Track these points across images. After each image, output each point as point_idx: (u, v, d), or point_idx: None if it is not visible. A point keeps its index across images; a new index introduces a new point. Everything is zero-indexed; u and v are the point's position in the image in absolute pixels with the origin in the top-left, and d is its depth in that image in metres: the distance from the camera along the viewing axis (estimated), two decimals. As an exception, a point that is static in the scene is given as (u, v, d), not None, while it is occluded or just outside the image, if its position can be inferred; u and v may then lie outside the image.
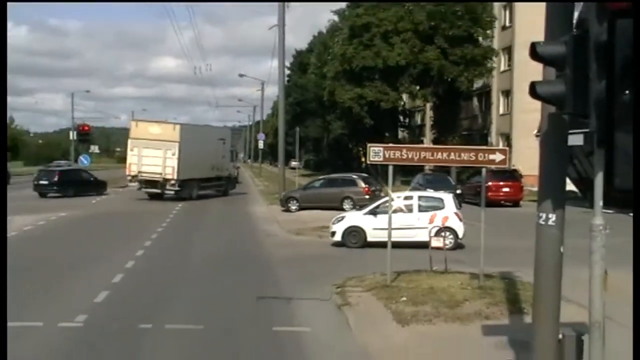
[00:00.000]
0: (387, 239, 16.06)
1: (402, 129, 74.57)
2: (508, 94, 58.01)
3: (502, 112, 60.32)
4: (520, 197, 39.64)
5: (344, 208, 32.20)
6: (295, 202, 36.23)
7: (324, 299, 14.47)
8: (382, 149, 15.74)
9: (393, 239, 16.15)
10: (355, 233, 22.19)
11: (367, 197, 33.78)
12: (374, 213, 21.94)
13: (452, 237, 20.49)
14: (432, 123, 68.92)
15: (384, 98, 57.64)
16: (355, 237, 22.13)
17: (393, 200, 18.55)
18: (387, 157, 15.61)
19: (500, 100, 60.81)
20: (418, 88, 60.30)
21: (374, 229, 21.38)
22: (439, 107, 64.03)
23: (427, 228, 18.63)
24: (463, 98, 62.79)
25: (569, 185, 8.46)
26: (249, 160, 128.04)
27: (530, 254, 8.24)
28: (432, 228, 18.33)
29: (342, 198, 35.20)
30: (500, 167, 16.89)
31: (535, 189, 8.88)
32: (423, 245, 17.49)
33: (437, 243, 17.03)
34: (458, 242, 21.01)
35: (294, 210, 35.28)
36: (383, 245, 16.56)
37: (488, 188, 29.96)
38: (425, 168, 40.72)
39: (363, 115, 59.00)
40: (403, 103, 66.45)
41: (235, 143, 61.46)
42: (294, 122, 72.73)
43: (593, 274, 6.51)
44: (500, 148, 19.01)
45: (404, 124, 74.58)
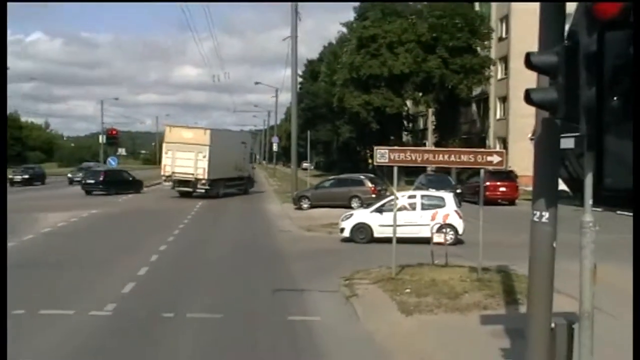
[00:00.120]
0: (392, 235, 16.07)
1: (406, 133, 74.49)
2: (504, 100, 57.82)
3: (499, 117, 60.14)
4: (516, 196, 39.61)
5: (352, 206, 32.17)
6: (307, 200, 36.26)
7: (334, 291, 14.50)
8: (387, 152, 15.75)
9: (398, 235, 16.14)
10: (363, 229, 22.20)
11: (373, 196, 33.77)
12: (380, 211, 21.95)
13: (452, 233, 20.44)
14: (434, 127, 68.90)
15: (389, 104, 57.70)
16: (363, 233, 22.15)
17: (398, 199, 18.57)
18: (392, 159, 15.62)
19: (497, 106, 60.63)
20: (421, 95, 60.34)
21: (380, 226, 21.39)
22: (440, 112, 64.06)
23: (429, 225, 18.59)
24: (463, 104, 62.70)
25: (561, 185, 8.39)
26: (264, 162, 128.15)
27: (525, 249, 8.23)
28: (434, 225, 18.29)
29: (350, 197, 35.21)
30: (497, 168, 16.88)
31: (530, 189, 8.85)
32: (425, 241, 17.46)
33: (438, 239, 17.01)
34: (458, 238, 20.99)
35: (306, 208, 35.29)
36: (388, 241, 16.55)
37: (486, 188, 29.96)
38: (428, 169, 40.56)
39: (370, 120, 59.06)
40: (407, 109, 66.47)
41: (252, 146, 61.93)
42: (306, 126, 72.77)
43: (583, 268, 6.50)
44: (497, 150, 18.94)
45: (408, 128, 74.49)
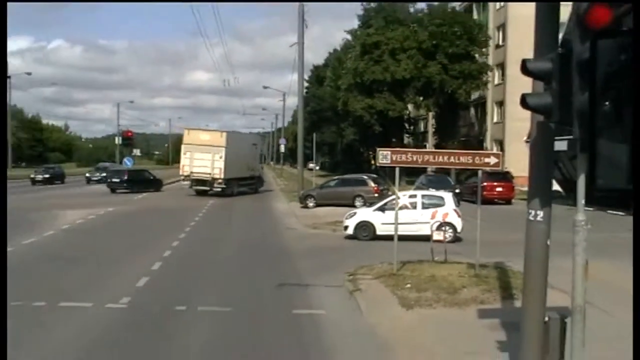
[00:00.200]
0: (394, 233, 16.08)
1: (407, 135, 74.40)
2: (501, 105, 57.73)
3: (496, 120, 60.05)
4: (512, 196, 39.56)
5: (356, 205, 32.15)
6: (313, 199, 36.23)
7: (338, 286, 14.50)
8: (389, 153, 15.75)
9: (399, 233, 16.15)
10: (366, 227, 22.19)
11: (376, 195, 33.73)
12: (383, 209, 21.94)
13: (451, 231, 20.42)
14: (434, 130, 68.78)
15: (392, 108, 57.68)
16: (366, 230, 22.14)
17: (399, 198, 18.57)
18: (394, 160, 15.62)
19: (495, 110, 60.55)
20: (422, 99, 60.29)
21: (382, 224, 21.38)
22: (440, 115, 63.98)
23: (429, 223, 18.57)
24: (461, 108, 62.63)
25: (555, 186, 8.41)
26: (272, 162, 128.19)
27: (521, 246, 8.23)
28: (433, 223, 18.28)
29: (354, 196, 35.20)
30: (494, 169, 16.85)
31: (525, 189, 8.86)
32: (426, 238, 17.46)
33: (438, 236, 17.00)
34: (457, 235, 20.95)
35: (311, 207, 35.24)
36: (390, 238, 16.55)
37: (483, 188, 29.94)
38: (428, 170, 40.52)
39: (373, 123, 59.03)
40: (408, 112, 66.38)
41: (261, 147, 62.39)
42: (312, 128, 72.74)
43: (575, 264, 6.50)
44: (494, 152, 18.94)
45: (409, 131, 74.37)
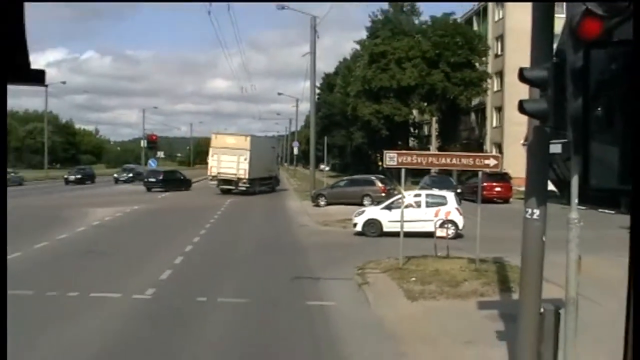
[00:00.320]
0: (400, 230, 16.07)
1: (412, 139, 74.15)
2: (500, 110, 57.52)
3: (495, 125, 59.85)
4: (510, 195, 39.41)
5: (364, 204, 32.05)
6: (324, 198, 36.19)
7: (347, 279, 14.51)
8: (396, 155, 15.76)
9: (405, 230, 16.14)
10: (373, 224, 22.18)
11: (383, 194, 33.69)
12: (389, 208, 21.91)
13: (453, 228, 20.37)
14: (437, 133, 68.55)
15: (398, 113, 57.63)
16: (373, 227, 22.12)
17: (405, 198, 18.57)
18: (400, 161, 15.63)
19: (494, 115, 60.33)
20: (426, 104, 60.21)
21: (389, 221, 21.34)
22: (443, 120, 63.77)
23: (432, 221, 18.56)
24: (463, 113, 62.43)
25: (550, 186, 8.41)
26: (286, 164, 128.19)
27: (518, 242, 8.22)
28: (437, 221, 18.27)
29: (362, 195, 35.14)
30: (494, 170, 16.82)
31: (522, 189, 8.85)
32: (429, 235, 17.45)
33: (441, 233, 17.01)
34: (458, 232, 20.91)
35: (323, 206, 35.21)
36: (396, 235, 16.55)
37: (483, 188, 29.81)
38: (432, 171, 40.46)
39: (380, 127, 58.96)
40: (413, 117, 66.20)
41: (277, 150, 63.04)
42: (323, 132, 72.72)
43: (569, 259, 6.50)
44: (494, 155, 18.93)
45: (414, 134, 74.19)
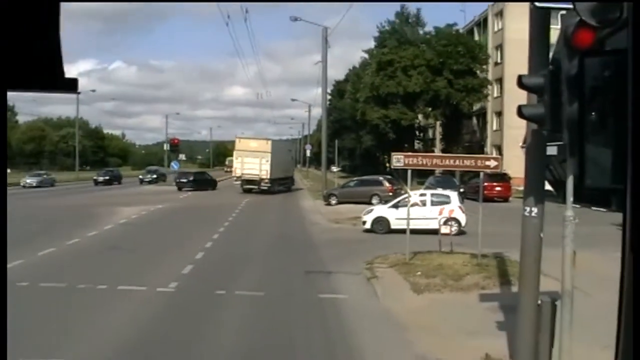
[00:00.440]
0: (406, 227, 16.07)
1: (417, 142, 73.87)
2: (500, 115, 57.24)
3: (495, 128, 59.59)
4: (509, 194, 39.19)
5: (373, 203, 31.99)
6: (335, 197, 36.14)
7: (357, 273, 14.52)
8: (403, 157, 15.76)
9: (411, 227, 16.13)
10: (382, 222, 22.15)
11: (390, 194, 33.56)
12: (396, 206, 21.89)
13: (456, 225, 20.32)
14: (441, 137, 68.42)
15: (404, 117, 57.55)
16: (382, 225, 22.09)
17: (411, 197, 18.55)
18: (406, 163, 15.63)
19: (494, 120, 60.08)
20: (430, 109, 60.05)
21: (396, 219, 21.30)
22: (446, 124, 63.62)
23: (437, 218, 18.52)
24: (465, 118, 62.28)
25: (546, 186, 8.40)
26: (299, 165, 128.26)
27: (517, 238, 8.21)
28: (441, 218, 18.23)
29: (371, 195, 35.05)
30: (494, 171, 16.79)
31: (521, 188, 8.84)
32: (434, 232, 17.41)
33: (445, 230, 16.96)
34: (461, 229, 20.84)
35: (334, 204, 35.12)
36: (403, 232, 16.54)
37: (484, 187, 29.69)
38: (436, 172, 40.33)
39: (387, 131, 58.86)
40: (418, 121, 66.02)
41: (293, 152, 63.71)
42: (334, 136, 72.75)
43: (565, 254, 6.48)
44: (494, 156, 18.88)
45: (419, 138, 73.91)
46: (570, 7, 5.22)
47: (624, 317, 2.51)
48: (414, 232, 16.75)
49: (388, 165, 52.90)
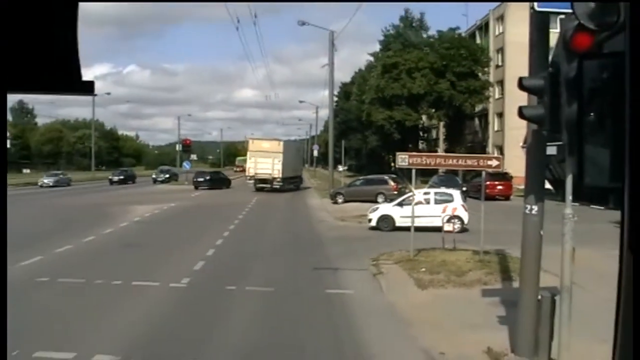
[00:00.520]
0: (410, 224, 16.05)
1: (421, 142, 73.79)
2: (501, 116, 57.06)
3: (496, 129, 59.41)
4: (510, 193, 39.01)
5: (378, 201, 31.98)
6: (341, 196, 36.10)
7: (363, 269, 14.51)
8: (407, 157, 15.75)
9: (415, 224, 16.12)
10: (387, 220, 22.11)
11: (395, 192, 33.49)
12: (401, 205, 21.85)
13: (459, 223, 20.22)
14: (444, 137, 68.21)
15: (408, 118, 57.48)
16: (387, 223, 22.04)
17: (415, 195, 18.52)
18: (411, 162, 15.61)
19: (495, 120, 59.90)
20: (433, 111, 59.92)
21: (401, 217, 21.27)
22: (449, 125, 63.45)
23: (440, 216, 18.48)
24: (467, 118, 62.14)
25: (546, 185, 8.40)
26: (307, 165, 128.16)
27: (518, 236, 8.19)
28: (444, 216, 18.18)
29: (376, 193, 35.00)
30: (496, 170, 16.74)
31: (522, 187, 8.81)
32: (437, 229, 17.38)
33: (448, 227, 16.92)
34: (464, 227, 20.77)
35: (340, 203, 35.09)
36: (407, 229, 16.52)
37: (486, 186, 29.58)
38: (439, 171, 40.24)
39: (392, 131, 58.81)
40: (422, 122, 65.94)
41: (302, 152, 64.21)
42: (340, 136, 72.55)
43: (564, 250, 6.47)
44: (496, 156, 18.85)
45: (423, 138, 73.83)
46: (569, 11, 5.21)
47: (622, 312, 2.50)
48: (418, 229, 16.72)
49: (393, 165, 52.86)
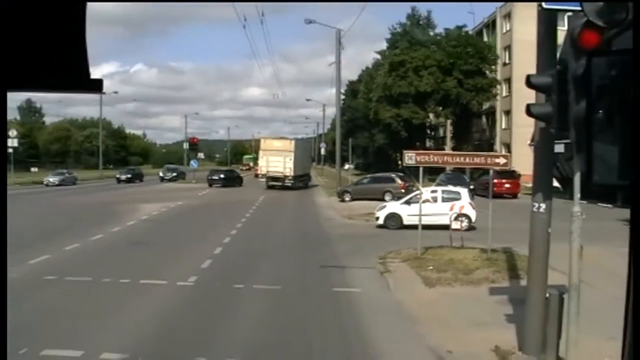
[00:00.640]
0: (418, 223, 16.04)
1: (429, 140, 73.63)
2: (508, 113, 56.89)
3: (504, 127, 59.23)
4: (518, 191, 38.90)
5: (385, 199, 31.95)
6: (349, 194, 36.07)
7: (370, 267, 14.51)
8: (414, 155, 15.72)
9: (422, 223, 16.10)
10: (394, 218, 22.09)
11: (403, 191, 33.44)
12: (408, 203, 21.82)
13: (467, 221, 20.17)
14: (451, 135, 68.07)
15: (416, 116, 57.38)
16: (394, 221, 22.02)
17: (422, 193, 18.50)
18: (418, 160, 15.58)
19: (503, 118, 59.72)
20: (441, 109, 59.79)
21: (408, 215, 21.23)
22: (457, 123, 63.31)
23: (448, 214, 18.46)
24: (475, 116, 61.94)
25: (554, 182, 8.40)
26: (314, 163, 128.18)
27: (525, 234, 8.17)
28: (452, 214, 18.17)
29: (384, 191, 34.95)
30: (503, 168, 16.68)
31: (530, 185, 8.79)
32: (445, 227, 17.36)
33: (455, 226, 16.90)
34: (471, 225, 20.72)
35: (348, 201, 35.06)
36: (415, 227, 16.51)
37: (493, 184, 29.51)
38: (447, 169, 40.17)
39: (399, 129, 58.70)
40: (430, 120, 65.79)
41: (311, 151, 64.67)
42: (347, 134, 72.59)
43: (572, 248, 6.45)
44: (503, 154, 18.80)
45: (430, 136, 73.67)
46: (578, 8, 5.20)
47: (631, 309, 2.50)
48: (426, 227, 16.70)
49: (400, 163, 52.78)
